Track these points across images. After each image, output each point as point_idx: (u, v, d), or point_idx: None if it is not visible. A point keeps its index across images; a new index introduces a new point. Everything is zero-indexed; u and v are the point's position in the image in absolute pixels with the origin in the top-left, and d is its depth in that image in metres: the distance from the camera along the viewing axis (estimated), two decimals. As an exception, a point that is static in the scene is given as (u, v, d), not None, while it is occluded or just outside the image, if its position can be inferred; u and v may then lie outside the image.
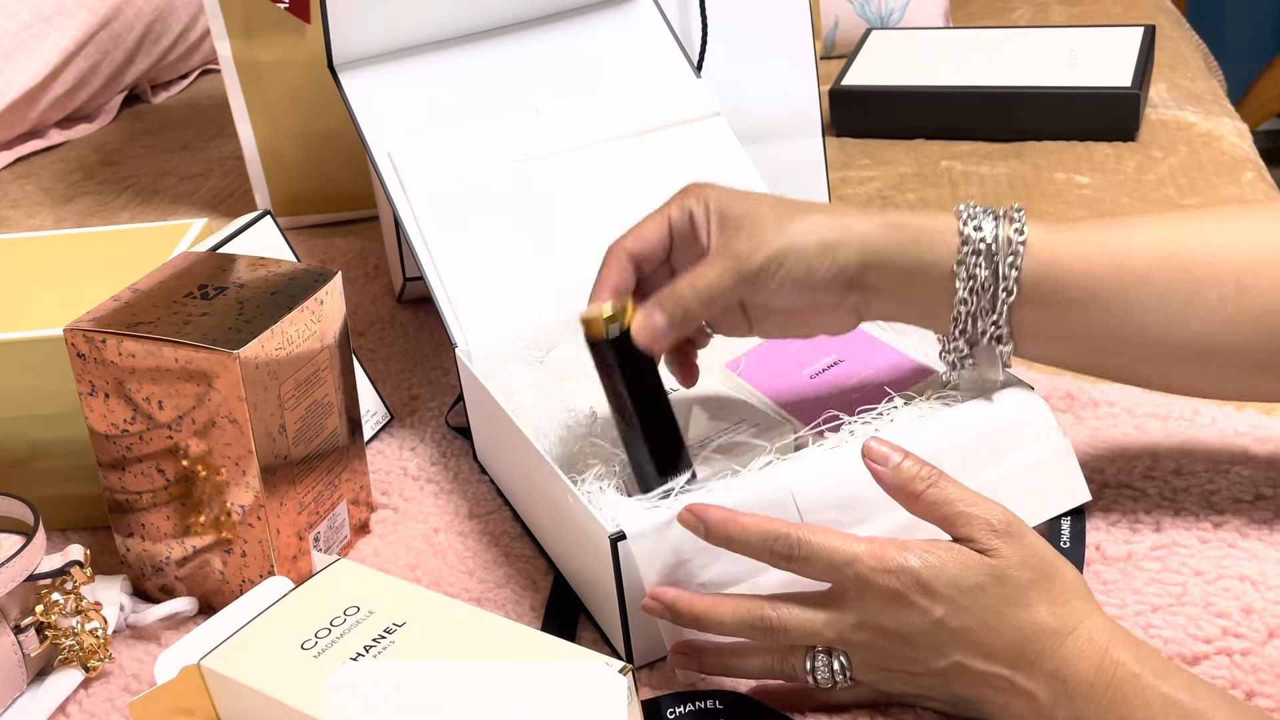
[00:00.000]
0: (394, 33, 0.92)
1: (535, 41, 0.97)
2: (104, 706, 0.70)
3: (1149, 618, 0.68)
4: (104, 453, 0.73)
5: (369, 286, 1.12)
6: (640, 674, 0.68)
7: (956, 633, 0.59)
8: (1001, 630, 0.59)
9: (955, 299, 0.69)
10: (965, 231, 0.68)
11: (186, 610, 0.75)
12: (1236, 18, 2.88)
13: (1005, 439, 0.72)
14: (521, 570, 0.77)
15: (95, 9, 1.50)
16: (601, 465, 0.72)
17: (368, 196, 1.22)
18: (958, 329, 0.70)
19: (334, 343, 0.76)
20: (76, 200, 1.37)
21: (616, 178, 0.92)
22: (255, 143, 1.23)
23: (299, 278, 0.75)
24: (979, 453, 0.71)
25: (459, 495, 0.84)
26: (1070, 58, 1.32)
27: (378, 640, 0.62)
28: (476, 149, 0.91)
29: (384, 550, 0.80)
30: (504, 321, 0.85)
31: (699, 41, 1.05)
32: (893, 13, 1.57)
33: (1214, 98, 1.39)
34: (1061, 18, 1.66)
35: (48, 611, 0.70)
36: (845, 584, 0.61)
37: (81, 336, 0.70)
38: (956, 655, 0.60)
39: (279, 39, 1.20)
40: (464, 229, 0.88)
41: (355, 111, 0.90)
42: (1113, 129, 1.26)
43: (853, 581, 0.61)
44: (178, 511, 0.73)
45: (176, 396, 0.70)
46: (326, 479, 0.77)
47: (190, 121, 1.58)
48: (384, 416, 0.92)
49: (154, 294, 0.73)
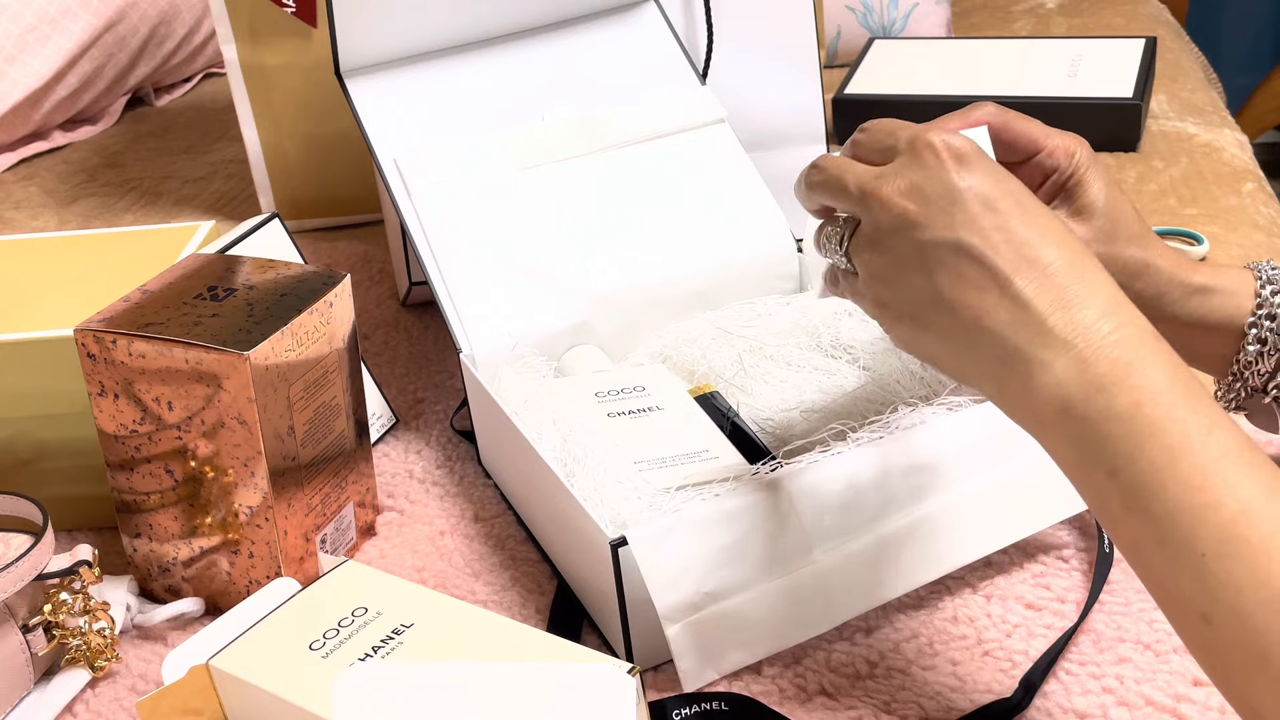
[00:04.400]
0: (400, 40, 0.93)
1: (541, 49, 0.97)
2: (111, 706, 0.70)
3: (1152, 614, 0.69)
4: (112, 453, 0.74)
5: (373, 290, 1.13)
6: (645, 676, 0.69)
7: (971, 207, 0.56)
8: (1017, 230, 0.55)
9: (1240, 357, 0.70)
10: (1263, 294, 0.69)
11: (193, 611, 0.75)
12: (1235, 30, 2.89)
13: (1008, 445, 0.72)
14: (527, 574, 0.78)
15: (100, 12, 1.51)
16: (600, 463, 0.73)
17: (371, 200, 1.23)
18: (1238, 383, 0.71)
19: (343, 345, 0.76)
20: (79, 202, 1.37)
21: (621, 184, 0.93)
22: (260, 146, 1.24)
23: (308, 280, 0.75)
24: (981, 458, 0.72)
25: (464, 498, 0.85)
26: (1072, 68, 1.33)
27: (386, 641, 0.62)
28: (482, 155, 0.91)
29: (390, 553, 0.80)
30: (508, 326, 0.85)
31: (704, 49, 1.06)
32: (895, 22, 1.57)
33: (1214, 109, 1.39)
34: (1063, 29, 1.67)
35: (55, 611, 0.70)
36: (897, 148, 0.60)
37: (92, 337, 0.71)
38: (963, 232, 0.56)
39: (285, 43, 1.20)
40: (469, 235, 0.88)
41: (361, 118, 0.90)
42: (1114, 139, 1.27)
43: (904, 143, 0.59)
44: (185, 512, 0.74)
45: (186, 397, 0.70)
46: (334, 481, 0.77)
47: (194, 125, 1.58)
48: (389, 420, 0.92)
49: (164, 295, 0.74)
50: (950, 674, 0.67)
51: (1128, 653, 0.67)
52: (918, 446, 0.71)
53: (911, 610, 0.72)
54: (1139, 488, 0.50)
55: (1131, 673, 0.66)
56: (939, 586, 0.73)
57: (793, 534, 0.68)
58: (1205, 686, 0.65)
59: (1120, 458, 0.51)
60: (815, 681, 0.67)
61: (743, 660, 0.68)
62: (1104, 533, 0.74)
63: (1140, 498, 0.50)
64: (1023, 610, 0.71)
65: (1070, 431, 0.52)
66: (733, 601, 0.66)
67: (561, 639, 0.63)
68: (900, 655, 0.69)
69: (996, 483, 0.72)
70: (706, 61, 1.05)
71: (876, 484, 0.70)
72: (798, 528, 0.68)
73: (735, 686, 0.67)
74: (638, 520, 0.68)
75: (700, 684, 0.67)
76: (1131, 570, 0.72)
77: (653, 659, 0.69)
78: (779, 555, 0.67)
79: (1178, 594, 0.50)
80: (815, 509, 0.68)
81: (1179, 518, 0.49)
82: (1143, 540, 0.50)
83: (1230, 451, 0.50)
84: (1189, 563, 0.49)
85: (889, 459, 0.70)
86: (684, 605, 0.65)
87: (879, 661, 0.68)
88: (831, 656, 0.69)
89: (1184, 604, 0.49)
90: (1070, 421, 0.52)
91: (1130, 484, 0.50)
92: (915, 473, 0.71)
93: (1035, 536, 0.75)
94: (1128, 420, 0.51)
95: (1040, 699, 0.65)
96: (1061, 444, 0.53)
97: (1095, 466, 0.52)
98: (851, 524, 0.69)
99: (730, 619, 0.66)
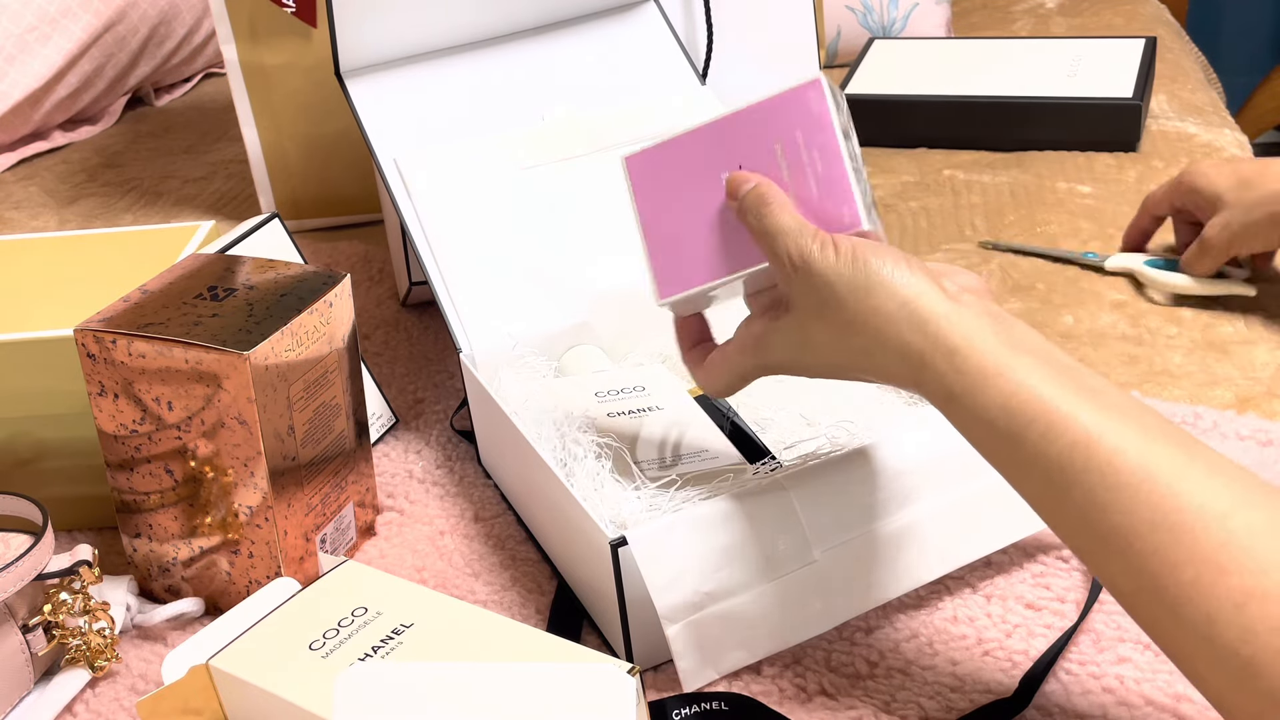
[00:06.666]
0: (400, 40, 0.93)
1: (541, 49, 0.97)
2: (111, 706, 0.70)
3: (1152, 624, 0.68)
4: (112, 453, 0.74)
5: (373, 290, 1.13)
6: (645, 676, 0.69)
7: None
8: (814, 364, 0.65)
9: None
10: None
11: (193, 611, 0.75)
12: (1235, 30, 2.89)
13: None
14: (527, 574, 0.77)
15: (100, 12, 1.51)
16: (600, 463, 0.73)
17: (371, 200, 1.23)
18: None
19: (343, 345, 0.76)
20: (79, 202, 1.37)
21: (621, 184, 0.92)
22: (260, 146, 1.24)
23: (308, 280, 0.75)
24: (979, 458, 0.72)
25: (464, 498, 0.85)
26: (1072, 68, 1.33)
27: (386, 641, 0.62)
28: (482, 155, 0.91)
29: (390, 553, 0.80)
30: (508, 327, 0.85)
31: (704, 49, 1.06)
32: (895, 22, 1.57)
33: (1214, 109, 1.39)
34: (1063, 29, 1.67)
35: (55, 611, 0.70)
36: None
37: (91, 337, 0.71)
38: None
39: (285, 43, 1.20)
40: (469, 235, 0.88)
41: (362, 118, 0.90)
42: (1114, 139, 1.27)
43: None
44: (185, 512, 0.74)
45: (185, 397, 0.70)
46: (334, 481, 0.77)
47: (194, 125, 1.58)
48: (389, 420, 0.92)
49: (164, 295, 0.74)
50: (950, 674, 0.67)
51: (1128, 653, 0.67)
52: (917, 446, 0.71)
53: (911, 610, 0.72)
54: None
55: (1131, 673, 0.66)
56: (939, 586, 0.73)
57: (792, 534, 0.68)
58: (1205, 686, 0.65)
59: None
60: (815, 681, 0.67)
61: (742, 660, 0.68)
62: None
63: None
64: (1023, 610, 0.71)
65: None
66: (732, 601, 0.66)
67: (561, 639, 0.63)
68: (900, 655, 0.69)
69: (996, 483, 0.72)
70: (706, 61, 1.05)
71: (876, 484, 0.70)
72: (797, 528, 0.68)
73: (735, 686, 0.67)
74: (638, 520, 0.68)
75: (700, 684, 0.67)
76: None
77: (653, 659, 0.69)
78: (779, 555, 0.67)
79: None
80: (814, 509, 0.68)
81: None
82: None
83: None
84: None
85: (888, 459, 0.70)
86: (684, 605, 0.65)
87: (879, 661, 0.68)
88: (831, 656, 0.69)
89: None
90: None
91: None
92: (914, 473, 0.71)
93: (1035, 536, 0.75)
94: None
95: (1040, 699, 0.65)
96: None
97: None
98: (851, 524, 0.69)
99: (730, 619, 0.66)
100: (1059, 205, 1.18)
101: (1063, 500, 0.55)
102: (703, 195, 0.68)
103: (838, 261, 0.61)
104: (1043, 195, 1.20)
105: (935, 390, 0.59)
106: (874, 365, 0.62)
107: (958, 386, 0.58)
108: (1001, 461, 0.58)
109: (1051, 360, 0.58)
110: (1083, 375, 0.57)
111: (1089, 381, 0.57)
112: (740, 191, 0.66)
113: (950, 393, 0.59)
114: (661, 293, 0.70)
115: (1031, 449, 0.56)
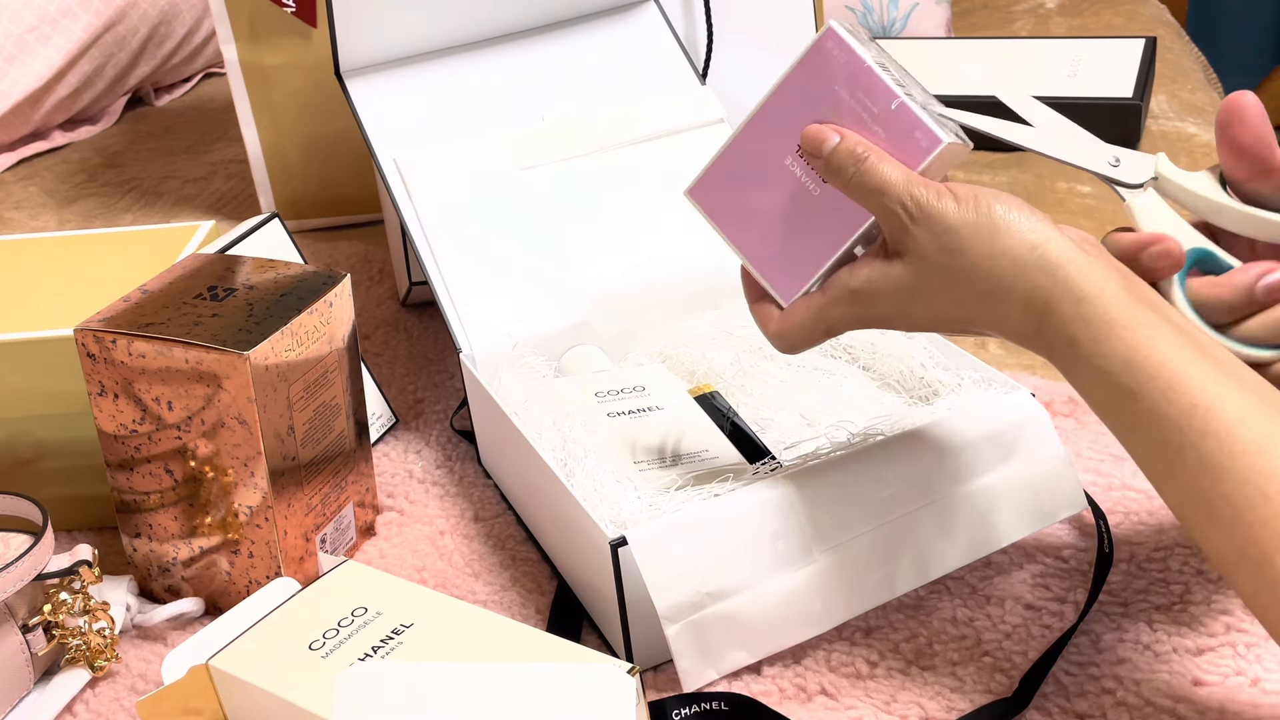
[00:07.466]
0: (400, 40, 0.93)
1: (540, 49, 0.97)
2: (111, 706, 0.70)
3: (1152, 615, 0.69)
4: (112, 453, 0.74)
5: (373, 290, 1.13)
6: (645, 676, 0.69)
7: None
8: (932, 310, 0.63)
9: None
10: None
11: (193, 611, 0.75)
12: (1235, 30, 2.89)
13: (1004, 446, 0.72)
14: (527, 574, 0.77)
15: (100, 12, 1.51)
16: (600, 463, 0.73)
17: (371, 200, 1.23)
18: None
19: (343, 345, 0.76)
20: (79, 202, 1.37)
21: (621, 184, 0.93)
22: (260, 146, 1.24)
23: (308, 280, 0.75)
24: (978, 459, 0.72)
25: (464, 499, 0.85)
26: (1072, 68, 1.33)
27: (386, 641, 0.62)
28: (482, 155, 0.91)
29: (390, 553, 0.80)
30: (508, 327, 0.85)
31: (704, 49, 1.06)
32: (895, 22, 1.57)
33: (1214, 109, 1.39)
34: (1063, 29, 1.67)
35: (55, 611, 0.70)
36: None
37: (92, 336, 0.71)
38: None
39: (285, 43, 1.20)
40: (469, 235, 0.88)
41: (362, 118, 0.90)
42: (1114, 139, 1.26)
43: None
44: (185, 512, 0.74)
45: (185, 397, 0.70)
46: (334, 481, 0.77)
47: (194, 125, 1.58)
48: (389, 420, 0.92)
49: (164, 295, 0.74)
50: (950, 674, 0.67)
51: (1127, 653, 0.67)
52: (917, 447, 0.71)
53: (911, 610, 0.72)
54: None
55: (1131, 673, 0.66)
56: (939, 586, 0.73)
57: (792, 534, 0.68)
58: (1205, 686, 0.65)
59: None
60: (815, 681, 0.67)
61: (743, 660, 0.68)
62: (1103, 533, 0.74)
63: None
64: (1022, 611, 0.71)
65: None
66: (732, 601, 0.66)
67: (561, 639, 0.63)
68: (900, 655, 0.69)
69: (996, 483, 0.72)
70: (706, 61, 1.05)
71: (875, 484, 0.70)
72: (797, 527, 0.68)
73: (735, 686, 0.67)
74: (638, 520, 0.68)
75: (700, 684, 0.67)
76: (1131, 570, 0.72)
77: (653, 659, 0.69)
78: (779, 555, 0.67)
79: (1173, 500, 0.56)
80: (815, 509, 0.68)
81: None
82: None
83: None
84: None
85: (888, 459, 0.70)
86: (684, 605, 0.66)
87: (879, 661, 0.68)
88: (831, 656, 0.69)
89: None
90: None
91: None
92: (914, 473, 0.71)
93: (1035, 536, 0.75)
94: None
95: (1040, 699, 0.65)
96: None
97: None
98: (851, 524, 0.69)
99: (730, 619, 0.66)
100: (1059, 205, 1.18)
101: (1173, 462, 0.55)
102: (775, 191, 0.67)
103: (960, 208, 0.60)
104: (1043, 195, 1.20)
105: (1056, 337, 0.58)
106: (992, 313, 0.61)
107: (1083, 335, 0.57)
108: (1114, 415, 0.57)
109: (1175, 322, 0.57)
110: (1205, 341, 0.57)
111: (1212, 349, 0.56)
112: (824, 149, 0.64)
113: (1074, 339, 0.57)
114: (785, 298, 0.68)
115: (1149, 405, 0.55)
